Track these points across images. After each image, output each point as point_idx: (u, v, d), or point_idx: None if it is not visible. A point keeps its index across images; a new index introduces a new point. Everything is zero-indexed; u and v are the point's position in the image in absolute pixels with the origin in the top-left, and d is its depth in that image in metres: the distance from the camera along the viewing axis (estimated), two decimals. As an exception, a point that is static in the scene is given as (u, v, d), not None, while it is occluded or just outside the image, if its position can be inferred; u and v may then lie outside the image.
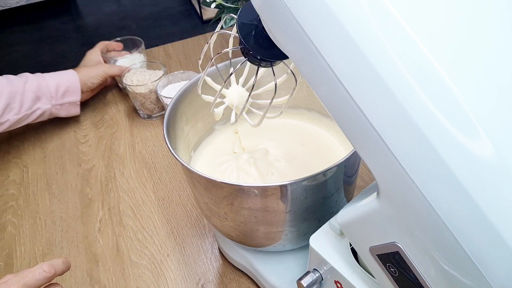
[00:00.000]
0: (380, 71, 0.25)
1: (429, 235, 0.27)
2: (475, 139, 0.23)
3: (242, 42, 0.39)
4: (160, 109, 0.91)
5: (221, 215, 0.50)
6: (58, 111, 0.88)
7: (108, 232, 0.71)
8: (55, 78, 0.86)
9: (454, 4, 0.26)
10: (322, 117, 0.64)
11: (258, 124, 0.45)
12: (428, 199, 0.25)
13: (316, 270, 0.45)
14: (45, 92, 0.84)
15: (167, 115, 0.52)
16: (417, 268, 0.30)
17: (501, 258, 0.24)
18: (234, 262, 0.63)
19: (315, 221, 0.50)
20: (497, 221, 0.23)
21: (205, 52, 0.46)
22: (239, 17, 0.38)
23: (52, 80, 0.85)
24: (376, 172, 0.29)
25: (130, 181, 0.79)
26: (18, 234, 0.72)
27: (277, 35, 0.32)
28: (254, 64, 0.42)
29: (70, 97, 0.88)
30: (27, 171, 0.84)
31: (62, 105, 0.88)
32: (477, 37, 0.26)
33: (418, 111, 0.24)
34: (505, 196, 0.23)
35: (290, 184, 0.43)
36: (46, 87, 0.84)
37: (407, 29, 0.24)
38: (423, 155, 0.25)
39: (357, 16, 0.26)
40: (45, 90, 0.84)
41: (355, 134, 0.29)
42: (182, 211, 0.73)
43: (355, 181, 0.56)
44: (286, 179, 0.46)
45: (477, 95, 0.24)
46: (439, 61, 0.24)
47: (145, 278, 0.64)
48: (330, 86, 0.28)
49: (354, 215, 0.35)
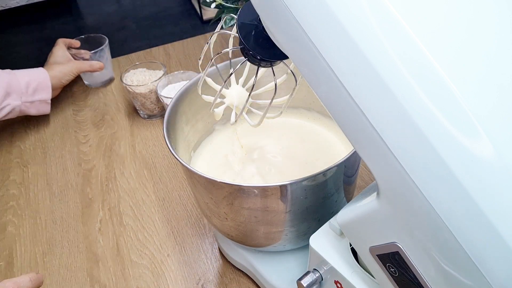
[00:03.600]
0: (380, 71, 0.25)
1: (429, 235, 0.27)
2: (475, 139, 0.23)
3: (242, 42, 0.39)
4: (160, 109, 0.91)
5: (221, 215, 0.50)
6: (28, 109, 0.87)
7: (108, 232, 0.71)
8: (25, 75, 0.85)
9: (454, 4, 0.26)
10: (322, 117, 0.64)
11: (258, 124, 0.45)
12: (428, 199, 0.25)
13: (316, 270, 0.45)
14: (15, 89, 0.82)
15: (167, 115, 0.52)
16: (417, 268, 0.30)
17: (501, 258, 0.24)
18: (234, 262, 0.63)
19: (315, 221, 0.50)
20: (497, 221, 0.23)
21: (205, 52, 0.46)
22: (239, 17, 0.38)
23: (22, 77, 0.84)
24: (376, 172, 0.29)
25: (131, 181, 0.79)
26: (18, 234, 0.73)
27: (277, 35, 0.32)
28: (254, 64, 0.42)
29: (41, 94, 0.87)
30: (27, 171, 0.84)
31: (33, 103, 0.86)
32: (477, 37, 0.26)
33: (418, 111, 0.24)
34: (505, 195, 0.23)
35: (290, 184, 0.43)
36: (16, 84, 0.83)
37: (407, 29, 0.24)
38: (423, 155, 0.25)
39: (357, 16, 0.26)
40: (15, 87, 0.82)
41: (355, 134, 0.29)
42: (182, 211, 0.73)
43: (355, 181, 0.56)
44: (287, 176, 0.46)
45: (477, 95, 0.24)
46: (439, 61, 0.24)
47: (145, 278, 0.64)
48: (330, 86, 0.28)
49: (354, 215, 0.35)
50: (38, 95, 0.86)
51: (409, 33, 0.24)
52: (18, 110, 0.85)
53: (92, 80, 1.01)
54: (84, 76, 1.01)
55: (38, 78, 0.86)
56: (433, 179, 0.25)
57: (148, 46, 1.15)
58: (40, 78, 0.86)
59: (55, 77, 0.89)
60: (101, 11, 1.43)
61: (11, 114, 0.85)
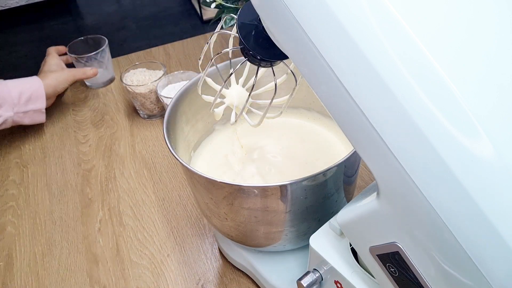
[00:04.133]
0: (380, 71, 0.25)
1: (429, 235, 0.27)
2: (474, 139, 0.23)
3: (242, 42, 0.39)
4: (160, 109, 0.91)
5: (221, 215, 0.50)
6: (21, 119, 0.85)
7: (108, 232, 0.71)
8: (18, 85, 0.83)
9: (454, 4, 0.26)
10: (322, 117, 0.64)
11: (258, 124, 0.45)
12: (428, 199, 0.25)
13: (316, 270, 0.45)
14: (7, 99, 0.80)
15: (167, 115, 0.52)
16: (417, 268, 0.30)
17: (501, 258, 0.24)
18: (234, 262, 0.63)
19: (315, 221, 0.50)
20: (497, 221, 0.23)
21: (205, 52, 0.46)
22: (239, 17, 0.38)
23: (14, 87, 0.82)
24: (376, 172, 0.29)
25: (130, 181, 0.79)
26: (18, 234, 0.72)
27: (277, 35, 0.32)
28: (254, 64, 0.42)
29: (34, 104, 0.84)
30: (27, 171, 0.84)
31: (26, 113, 0.84)
32: (477, 37, 0.26)
33: (417, 110, 0.24)
34: (505, 195, 0.23)
35: (290, 184, 0.43)
36: (8, 94, 0.80)
37: (407, 29, 0.24)
38: (423, 155, 0.25)
39: (356, 15, 0.26)
40: (7, 97, 0.80)
41: (355, 134, 0.29)
42: (182, 211, 0.73)
43: (355, 181, 0.56)
44: (287, 176, 0.46)
45: (477, 95, 0.24)
46: (439, 61, 0.24)
47: (145, 278, 0.64)
48: (330, 86, 0.28)
49: (354, 215, 0.35)
50: (31, 105, 0.84)
51: (409, 33, 0.24)
52: (11, 121, 0.83)
53: (93, 80, 1.01)
54: None
55: (31, 88, 0.84)
56: (433, 179, 0.25)
57: (148, 46, 1.15)
58: (33, 87, 0.84)
59: (49, 85, 0.86)
60: (101, 11, 1.44)
61: (4, 125, 0.83)
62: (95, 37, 1.00)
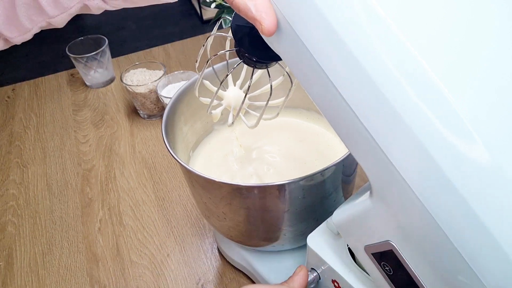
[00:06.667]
0: (374, 76, 0.25)
1: (421, 234, 0.27)
2: (465, 139, 0.24)
3: (237, 44, 0.39)
4: (160, 109, 0.91)
5: (220, 215, 0.51)
6: None
7: (108, 232, 0.71)
8: None
9: (453, 7, 0.26)
10: (321, 117, 0.64)
11: (254, 126, 0.45)
12: (420, 198, 0.25)
13: (313, 270, 0.45)
14: None
15: (166, 115, 0.53)
16: (410, 266, 0.30)
17: (493, 257, 0.24)
18: (233, 262, 0.63)
19: (314, 220, 0.50)
20: (489, 220, 0.24)
21: (201, 54, 0.46)
22: (233, 20, 0.39)
23: None
24: (368, 171, 0.29)
25: (130, 181, 0.80)
26: (18, 234, 0.73)
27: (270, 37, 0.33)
28: (249, 66, 0.42)
29: None
30: (27, 171, 0.84)
31: None
32: (475, 40, 0.26)
33: (410, 113, 0.25)
34: (496, 195, 0.23)
35: (288, 184, 0.43)
36: None
37: (399, 32, 0.25)
38: (415, 155, 0.25)
39: (349, 19, 0.26)
40: None
41: (348, 134, 0.30)
42: (182, 211, 0.73)
43: (353, 181, 0.56)
44: (285, 176, 0.46)
45: (471, 96, 0.24)
46: (432, 65, 0.24)
47: (145, 278, 0.64)
48: (323, 88, 0.28)
49: (348, 214, 0.35)
50: None
51: (401, 37, 0.25)
52: None
53: (93, 80, 1.01)
54: (84, 77, 1.02)
55: None
56: (425, 179, 0.25)
57: (148, 46, 1.16)
58: None
59: None
60: (100, 11, 1.44)
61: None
62: (95, 37, 1.01)
